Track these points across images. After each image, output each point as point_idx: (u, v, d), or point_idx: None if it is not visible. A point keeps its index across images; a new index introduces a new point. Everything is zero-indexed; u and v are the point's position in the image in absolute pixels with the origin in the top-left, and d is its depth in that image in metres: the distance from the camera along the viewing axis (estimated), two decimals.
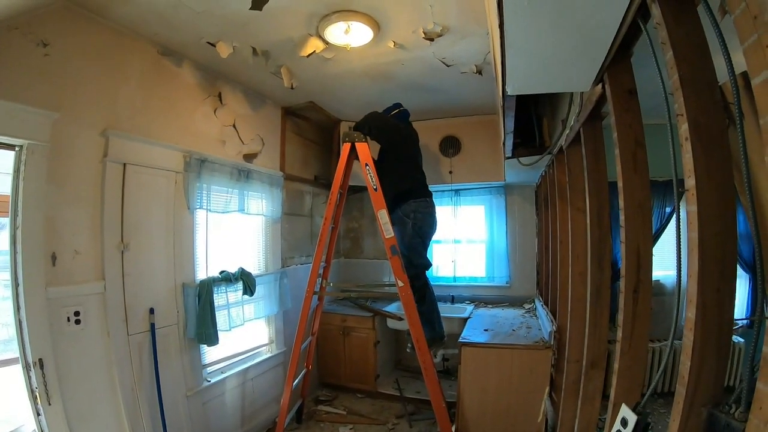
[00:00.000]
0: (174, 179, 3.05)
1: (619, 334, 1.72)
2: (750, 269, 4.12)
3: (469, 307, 4.61)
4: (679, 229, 1.32)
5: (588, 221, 2.33)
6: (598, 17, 1.34)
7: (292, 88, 3.69)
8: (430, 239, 3.67)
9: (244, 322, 3.56)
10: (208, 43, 2.95)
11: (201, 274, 3.28)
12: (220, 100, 3.48)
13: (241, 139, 3.69)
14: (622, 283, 1.73)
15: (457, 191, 5.04)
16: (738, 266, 4.06)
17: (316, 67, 3.43)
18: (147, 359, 2.77)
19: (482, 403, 3.31)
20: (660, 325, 3.91)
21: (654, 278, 1.75)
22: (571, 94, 2.56)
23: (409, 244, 3.51)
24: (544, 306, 3.89)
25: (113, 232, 2.63)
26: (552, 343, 3.15)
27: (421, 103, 4.25)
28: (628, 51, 1.65)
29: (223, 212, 3.44)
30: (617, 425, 1.47)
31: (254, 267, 3.86)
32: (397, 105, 3.88)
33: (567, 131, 2.71)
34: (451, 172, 4.65)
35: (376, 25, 2.82)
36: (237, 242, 3.75)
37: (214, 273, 3.37)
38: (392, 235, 3.33)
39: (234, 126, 3.62)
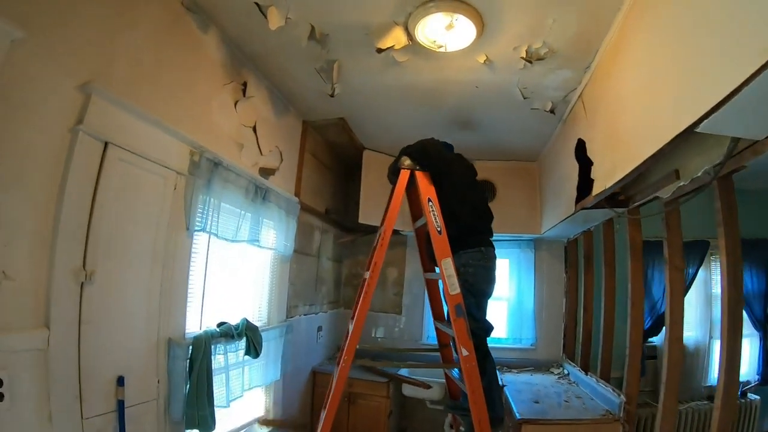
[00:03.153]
0: (174, 182, 1.92)
1: None
2: (761, 326, 3.73)
3: (456, 372, 3.66)
4: None
5: (725, 282, 1.89)
6: None
7: (332, 95, 2.74)
8: (488, 298, 2.64)
9: (243, 392, 2.33)
10: (256, 3, 1.97)
11: (193, 326, 2.06)
12: (244, 91, 2.44)
13: (259, 148, 2.63)
14: None
15: None
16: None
17: (373, 73, 2.54)
18: None
19: None
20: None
21: None
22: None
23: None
24: (588, 373, 3.22)
25: (71, 249, 1.46)
26: (621, 415, 2.56)
27: (460, 140, 3.43)
28: None
29: (232, 241, 2.29)
30: None
31: (254, 317, 2.67)
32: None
33: (681, 183, 2.06)
34: None
35: (481, 27, 2.05)
36: (239, 283, 2.57)
37: (211, 325, 2.17)
38: (458, 291, 2.32)
39: (254, 129, 2.57)
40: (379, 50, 2.28)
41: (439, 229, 2.34)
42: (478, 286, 2.48)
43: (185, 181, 1.97)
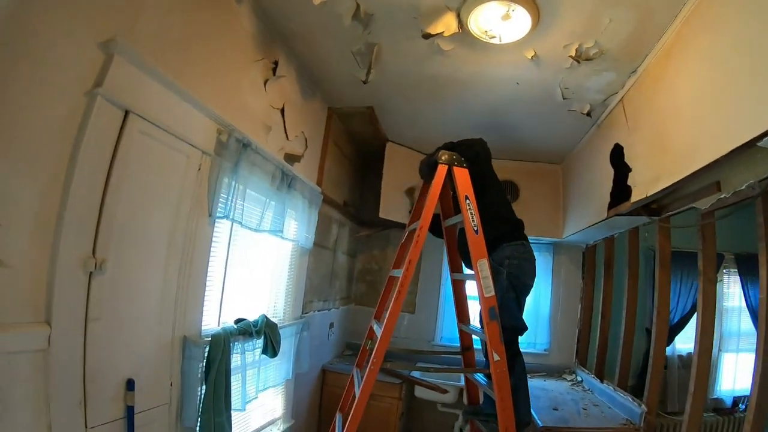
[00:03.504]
0: (198, 162, 1.69)
1: None
2: None
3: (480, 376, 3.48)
4: None
5: (765, 295, 1.77)
6: None
7: (366, 81, 2.51)
8: (527, 295, 2.46)
9: (258, 394, 2.12)
10: None
11: (209, 323, 1.84)
12: (274, 70, 2.21)
13: (286, 133, 2.40)
14: None
15: None
16: None
17: (413, 61, 2.34)
18: None
19: None
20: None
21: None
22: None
23: (502, 301, 2.31)
24: (605, 381, 3.11)
25: (80, 234, 1.23)
26: (642, 425, 2.51)
27: (486, 139, 3.23)
28: None
29: (256, 230, 2.07)
30: None
31: (271, 313, 2.46)
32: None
33: (722, 195, 1.93)
34: None
35: (537, 21, 1.87)
36: (257, 277, 2.35)
37: (228, 321, 1.95)
38: (493, 294, 2.13)
39: (282, 112, 2.34)
40: (427, 36, 2.06)
41: (476, 228, 2.15)
42: (522, 279, 2.35)
43: (210, 162, 1.75)
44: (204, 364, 1.67)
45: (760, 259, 1.67)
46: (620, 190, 2.46)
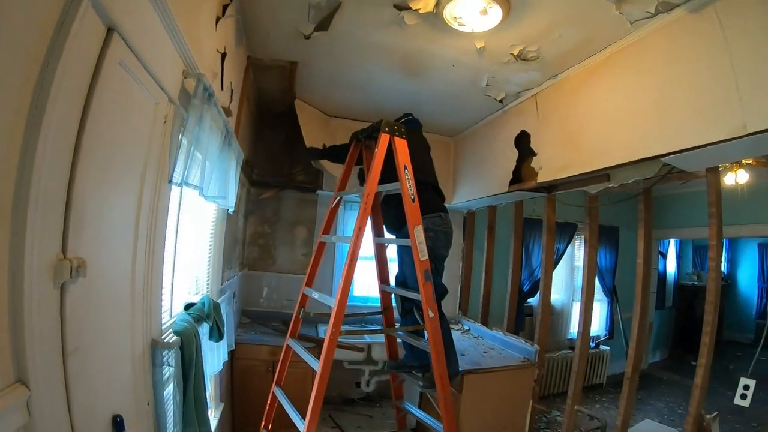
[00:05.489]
0: (164, 112, 1.16)
1: None
2: (609, 293, 4.69)
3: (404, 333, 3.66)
4: None
5: (642, 261, 2.36)
6: None
7: (308, 36, 2.12)
8: (444, 261, 2.61)
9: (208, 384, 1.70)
10: None
11: (165, 315, 1.35)
12: (224, 9, 1.63)
13: (222, 83, 1.84)
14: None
15: None
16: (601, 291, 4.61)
17: (370, 26, 2.08)
18: None
19: (483, 427, 2.67)
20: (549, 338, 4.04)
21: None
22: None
23: None
24: (494, 328, 3.42)
25: (46, 224, 0.71)
26: (536, 360, 2.86)
27: (398, 108, 3.18)
28: None
29: (209, 198, 1.57)
30: None
31: (200, 289, 1.96)
32: (408, 114, 2.73)
33: (610, 184, 2.40)
34: None
35: (505, 20, 1.88)
36: (190, 250, 1.81)
37: (178, 308, 1.47)
38: (426, 257, 2.21)
39: (223, 58, 1.77)
40: (399, 8, 1.85)
41: (413, 197, 2.16)
42: (436, 251, 2.41)
43: (173, 112, 1.21)
44: (177, 368, 1.23)
45: (639, 234, 2.20)
46: (524, 170, 2.73)
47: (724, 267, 6.96)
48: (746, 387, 2.09)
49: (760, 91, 1.40)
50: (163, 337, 1.26)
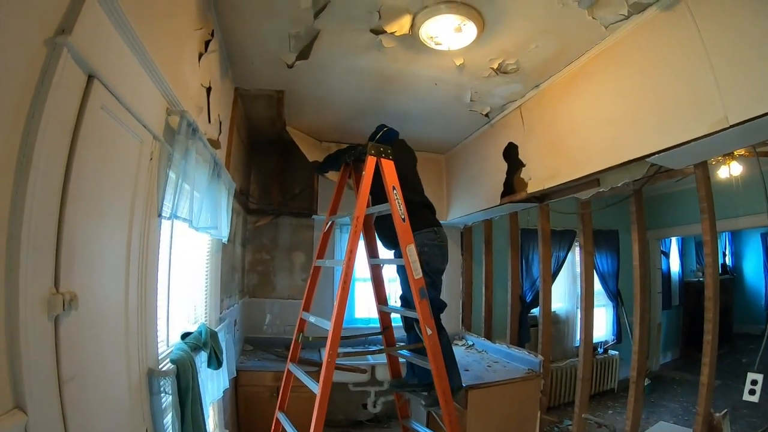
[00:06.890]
0: (150, 150, 1.23)
1: None
2: (614, 298, 4.62)
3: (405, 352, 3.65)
4: None
5: (638, 263, 2.34)
6: None
7: (291, 66, 2.23)
8: (441, 276, 2.63)
9: (207, 413, 1.72)
10: None
11: (161, 345, 1.39)
12: (206, 45, 1.74)
13: (209, 115, 1.94)
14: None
15: None
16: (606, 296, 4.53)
17: (349, 52, 2.19)
18: None
19: None
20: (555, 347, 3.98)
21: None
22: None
23: None
24: (497, 341, 3.42)
25: (39, 259, 0.77)
26: (541, 371, 2.84)
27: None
28: None
29: (200, 229, 1.63)
30: None
31: (200, 318, 2.00)
32: (382, 126, 2.79)
33: (600, 189, 2.44)
34: None
35: (479, 36, 1.96)
36: (185, 280, 1.86)
37: (175, 337, 1.51)
38: (421, 275, 2.24)
39: (208, 92, 1.87)
40: (377, 31, 1.95)
41: (403, 217, 2.21)
42: (433, 265, 2.43)
43: (159, 149, 1.29)
44: (174, 395, 1.26)
45: (633, 236, 2.22)
46: (514, 182, 2.75)
47: (729, 260, 6.88)
48: (754, 382, 2.07)
49: (738, 82, 1.39)
50: (160, 365, 1.30)
